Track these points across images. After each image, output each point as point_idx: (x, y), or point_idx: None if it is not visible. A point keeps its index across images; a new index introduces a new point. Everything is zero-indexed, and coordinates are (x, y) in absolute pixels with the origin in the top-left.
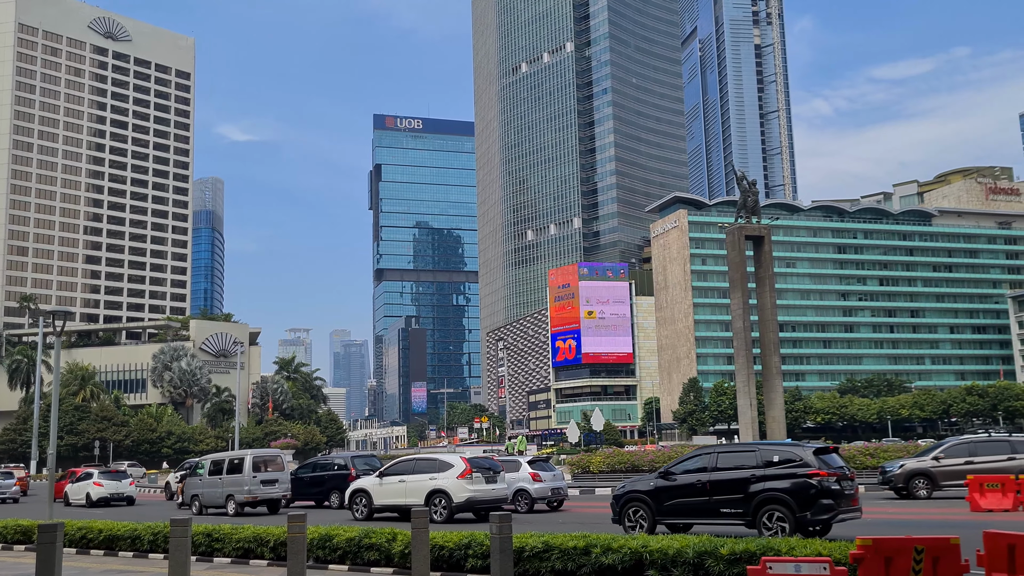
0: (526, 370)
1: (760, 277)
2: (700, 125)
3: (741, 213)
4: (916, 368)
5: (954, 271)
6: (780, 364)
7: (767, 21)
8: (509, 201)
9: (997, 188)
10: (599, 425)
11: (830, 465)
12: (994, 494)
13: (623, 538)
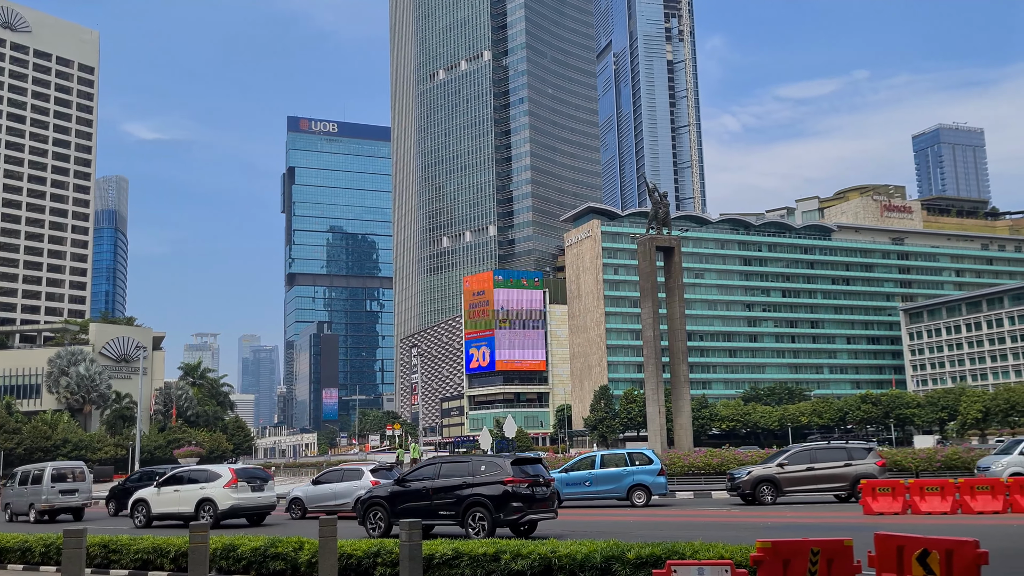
0: (439, 377)
1: (669, 287)
2: (614, 137)
3: (652, 224)
4: (815, 377)
5: (851, 284)
6: (688, 372)
7: (679, 38)
8: (425, 207)
9: (891, 205)
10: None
11: (528, 474)
12: (885, 498)
13: (533, 543)
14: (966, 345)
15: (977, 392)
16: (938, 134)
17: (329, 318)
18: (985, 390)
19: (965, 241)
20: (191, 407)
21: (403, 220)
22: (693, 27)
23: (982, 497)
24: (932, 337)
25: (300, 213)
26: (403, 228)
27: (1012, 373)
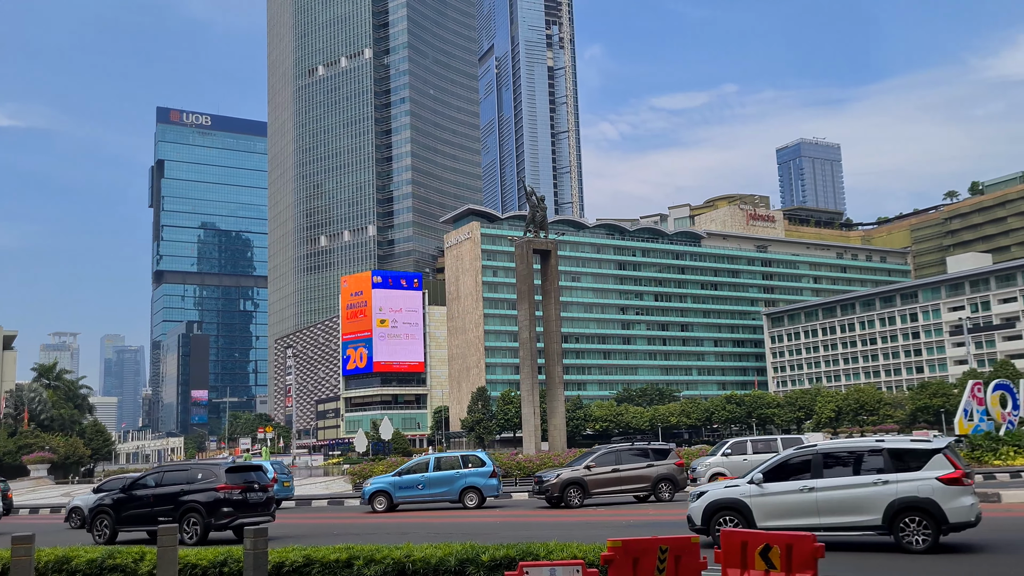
0: (315, 379)
1: (546, 290)
2: (495, 140)
3: (530, 228)
4: (685, 378)
5: (719, 289)
6: (563, 374)
7: (560, 45)
8: (302, 205)
9: (756, 215)
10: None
11: (242, 481)
12: None
13: (387, 548)
14: (822, 348)
15: (831, 392)
16: (800, 148)
17: (200, 318)
18: (838, 391)
19: (822, 250)
20: (45, 410)
21: (279, 218)
22: (573, 35)
23: None
24: (791, 340)
25: (170, 208)
26: (279, 226)
27: (862, 375)
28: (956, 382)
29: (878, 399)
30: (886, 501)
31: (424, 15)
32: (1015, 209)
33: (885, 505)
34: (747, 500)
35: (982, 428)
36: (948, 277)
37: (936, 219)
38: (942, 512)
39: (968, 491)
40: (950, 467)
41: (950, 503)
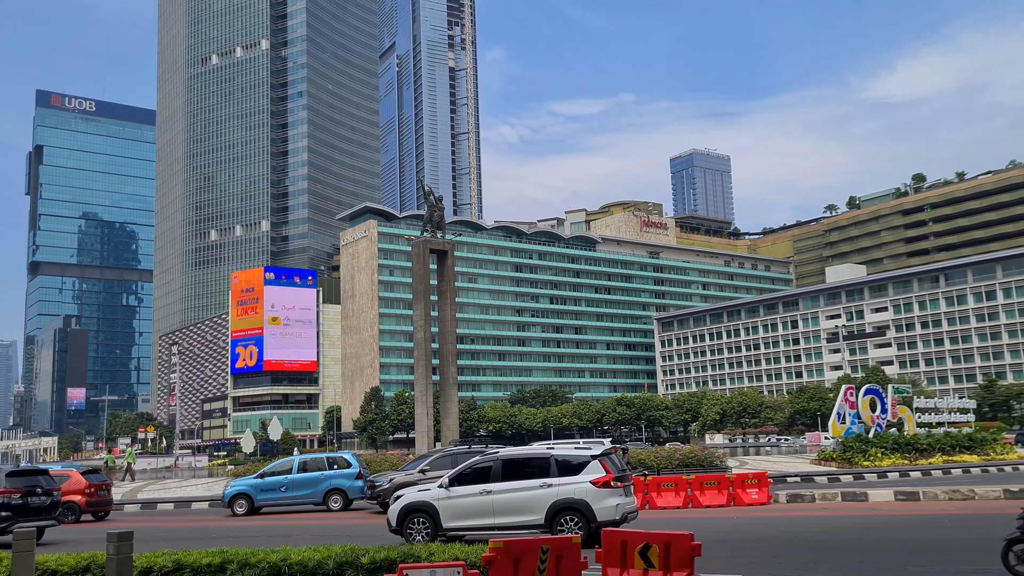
0: (202, 377)
1: (442, 290)
2: (395, 139)
3: (427, 227)
4: (577, 380)
5: (612, 294)
6: (457, 375)
7: (461, 46)
8: (192, 198)
9: (650, 221)
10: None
11: (24, 485)
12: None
13: (263, 551)
14: (709, 352)
15: (716, 396)
16: (692, 158)
17: (79, 312)
18: (723, 394)
19: (711, 257)
20: None
21: (167, 210)
22: (475, 37)
23: (710, 492)
24: (680, 344)
25: (48, 196)
26: (167, 219)
27: (746, 378)
28: (831, 387)
29: (760, 402)
30: (548, 502)
31: (324, 8)
32: (888, 224)
33: (547, 506)
34: (435, 503)
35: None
36: (826, 287)
37: (817, 231)
38: (592, 511)
39: (616, 493)
40: (602, 472)
41: (599, 503)
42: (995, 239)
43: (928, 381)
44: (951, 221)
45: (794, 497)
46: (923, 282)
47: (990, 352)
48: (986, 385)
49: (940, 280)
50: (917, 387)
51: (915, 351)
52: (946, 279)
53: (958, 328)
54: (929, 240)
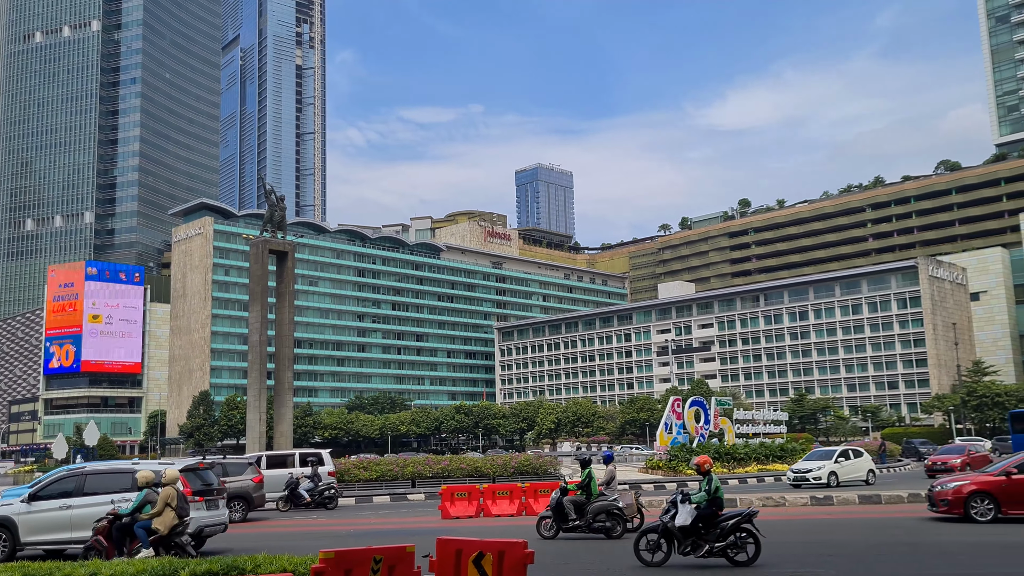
0: (10, 377)
1: (281, 292)
2: (236, 134)
3: (267, 227)
4: (417, 388)
5: (455, 302)
6: (293, 380)
7: (310, 44)
8: (7, 184)
9: (494, 232)
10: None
11: None
12: (462, 503)
13: (70, 566)
14: (547, 363)
15: (552, 405)
16: (537, 172)
17: None
18: (559, 403)
19: (552, 270)
20: None
21: None
22: (324, 36)
23: (544, 499)
24: (520, 354)
25: None
26: None
27: (581, 389)
28: (660, 398)
29: (593, 412)
30: None
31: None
32: (716, 244)
33: None
34: (15, 517)
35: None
36: (658, 302)
37: (651, 248)
38: None
39: (195, 507)
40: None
41: None
42: (809, 263)
43: (747, 394)
44: (771, 245)
45: None
46: (745, 301)
47: (801, 368)
48: (797, 399)
49: (760, 300)
50: (737, 400)
51: (736, 366)
52: (765, 299)
53: (774, 345)
54: (752, 262)
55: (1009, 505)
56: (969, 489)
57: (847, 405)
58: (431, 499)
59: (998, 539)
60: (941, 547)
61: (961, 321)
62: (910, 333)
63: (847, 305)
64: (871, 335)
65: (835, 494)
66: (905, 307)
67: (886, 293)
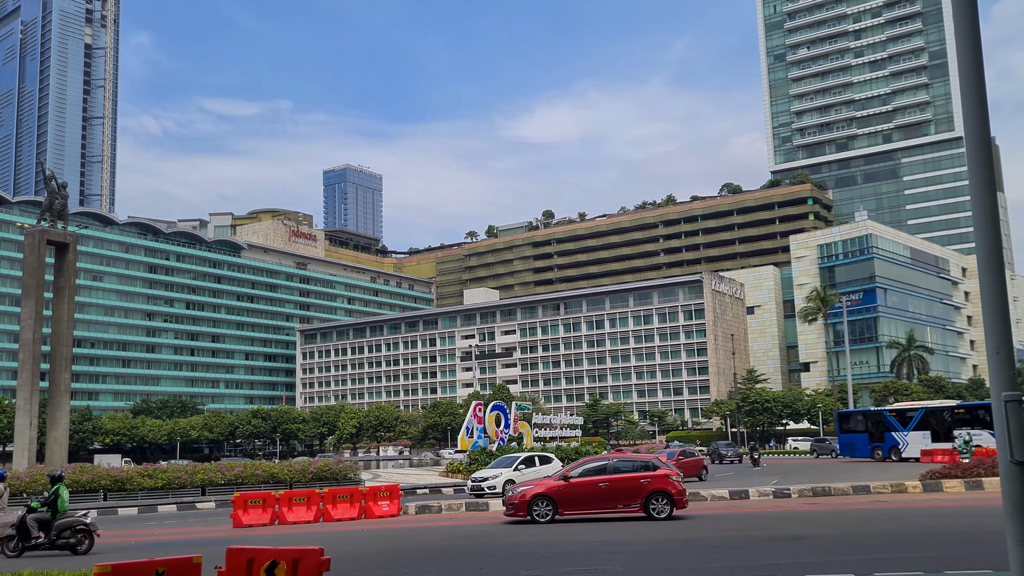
0: None
1: (60, 287)
2: (13, 113)
3: (46, 216)
4: (211, 391)
5: (256, 302)
6: (71, 381)
7: (101, 23)
8: None
9: (299, 232)
10: None
11: None
12: (256, 510)
13: None
14: (350, 367)
15: (355, 409)
16: (345, 173)
17: None
18: (361, 408)
19: (358, 273)
20: None
21: None
22: (118, 16)
23: (342, 505)
24: (322, 358)
25: None
26: None
27: (384, 393)
28: (463, 403)
29: (395, 416)
30: None
31: None
32: (520, 253)
33: None
34: None
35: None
36: (463, 308)
37: (458, 255)
38: None
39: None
40: None
41: None
42: (606, 274)
43: (546, 399)
44: (572, 256)
45: (423, 508)
46: (546, 309)
47: (596, 374)
48: (591, 404)
49: (560, 308)
50: (536, 405)
51: (536, 371)
52: (565, 307)
53: (572, 352)
54: (554, 271)
55: (565, 507)
56: (533, 493)
57: (636, 410)
58: (223, 507)
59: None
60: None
61: (738, 332)
62: (694, 343)
63: (639, 315)
64: (660, 344)
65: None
66: (691, 318)
67: (674, 305)
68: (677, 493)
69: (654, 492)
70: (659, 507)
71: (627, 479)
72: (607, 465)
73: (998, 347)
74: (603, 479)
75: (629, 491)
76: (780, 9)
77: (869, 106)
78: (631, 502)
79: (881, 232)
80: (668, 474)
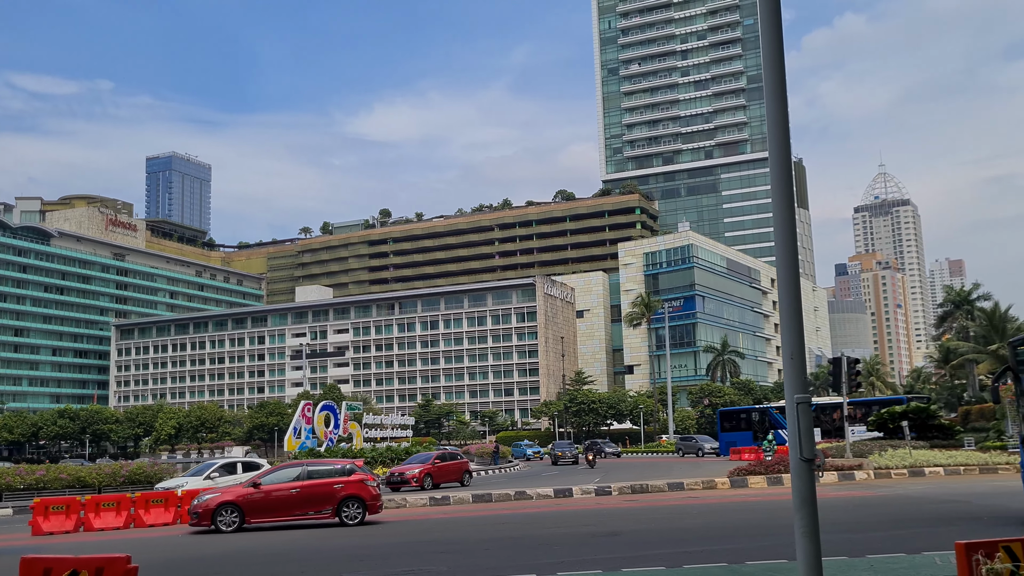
0: None
1: None
2: None
3: None
4: (13, 389)
5: (66, 294)
6: None
7: None
8: None
9: (118, 221)
10: None
11: None
12: (58, 516)
13: None
14: (171, 364)
15: (174, 409)
16: (171, 161)
17: None
18: (181, 407)
19: (183, 266)
20: None
21: None
22: None
23: (156, 510)
24: (141, 355)
25: None
26: None
27: (207, 392)
28: (291, 403)
29: (219, 417)
30: None
31: None
32: (356, 251)
33: None
34: None
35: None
36: (295, 306)
37: (291, 251)
38: None
39: None
40: None
41: None
42: (442, 275)
43: (378, 399)
44: (409, 255)
45: None
46: (381, 308)
47: (430, 375)
48: (424, 404)
49: (395, 308)
50: (368, 405)
51: (369, 371)
52: (400, 307)
53: (406, 352)
54: (390, 271)
55: (253, 515)
56: (218, 501)
57: (468, 410)
58: (22, 514)
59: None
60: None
61: (568, 335)
62: (526, 345)
63: (473, 317)
64: (493, 345)
65: None
66: (523, 321)
67: (508, 307)
68: (371, 498)
69: (347, 498)
70: (351, 513)
71: (320, 485)
72: (300, 471)
73: (792, 353)
74: (295, 485)
75: (322, 497)
76: (615, 25)
77: (693, 123)
78: (323, 508)
79: (701, 243)
80: (363, 479)
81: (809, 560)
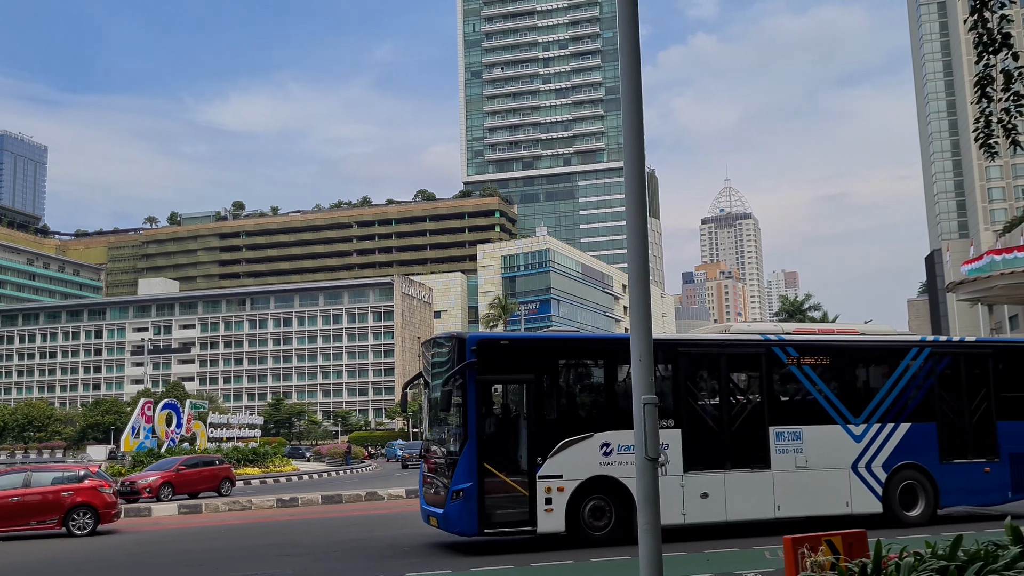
0: None
1: None
2: None
3: None
4: None
5: None
6: None
7: None
8: None
9: None
10: None
11: None
12: None
13: None
14: None
15: None
16: (2, 140)
17: None
18: (7, 404)
19: (12, 253)
20: None
21: None
22: None
23: None
24: None
25: None
26: None
27: (36, 389)
28: (130, 401)
29: (49, 415)
30: None
31: None
32: (206, 244)
33: None
34: None
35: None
36: (137, 299)
37: (134, 241)
38: None
39: None
40: None
41: None
42: (298, 272)
43: (225, 398)
44: (262, 250)
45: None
46: (231, 304)
47: (281, 373)
48: (274, 403)
49: (247, 303)
50: (214, 403)
51: (216, 368)
52: (252, 303)
53: (257, 350)
54: (242, 265)
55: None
56: None
57: (321, 410)
58: None
59: None
60: None
61: (425, 335)
62: (382, 344)
63: (329, 315)
64: (348, 344)
65: None
66: (380, 320)
67: (364, 306)
68: (104, 507)
69: (77, 506)
70: (81, 523)
71: (46, 492)
72: (24, 477)
73: (640, 355)
74: (15, 493)
75: (47, 506)
76: (479, 28)
77: (553, 130)
78: (48, 518)
79: (558, 248)
80: (96, 486)
81: (651, 555)
